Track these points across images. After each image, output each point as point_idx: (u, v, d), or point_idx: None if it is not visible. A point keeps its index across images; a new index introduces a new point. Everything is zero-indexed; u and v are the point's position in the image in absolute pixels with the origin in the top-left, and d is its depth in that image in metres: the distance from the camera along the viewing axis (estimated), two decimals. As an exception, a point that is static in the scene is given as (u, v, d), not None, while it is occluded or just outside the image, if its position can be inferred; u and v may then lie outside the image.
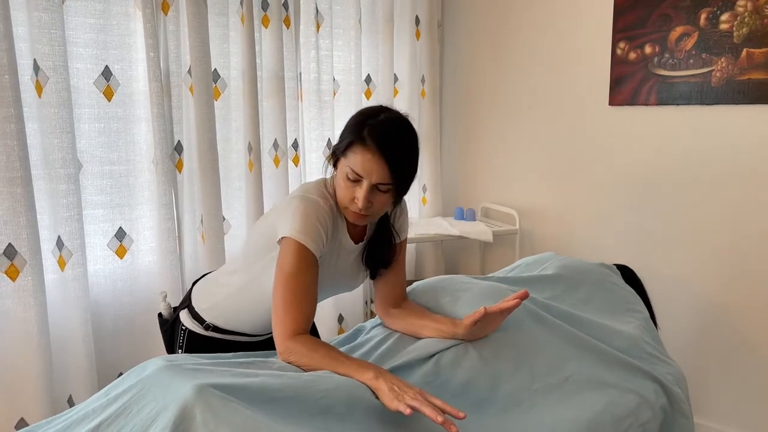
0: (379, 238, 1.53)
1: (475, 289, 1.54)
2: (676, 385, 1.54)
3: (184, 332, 1.64)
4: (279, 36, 2.60)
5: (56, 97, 2.02)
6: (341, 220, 1.46)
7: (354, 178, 1.33)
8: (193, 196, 2.43)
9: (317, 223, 1.35)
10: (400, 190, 1.38)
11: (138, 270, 2.37)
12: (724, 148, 2.30)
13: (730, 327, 2.36)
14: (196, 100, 2.34)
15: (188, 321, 1.64)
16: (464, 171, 3.33)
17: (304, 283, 1.33)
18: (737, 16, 2.19)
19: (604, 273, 1.84)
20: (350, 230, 1.48)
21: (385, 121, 1.34)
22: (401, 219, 1.58)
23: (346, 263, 1.51)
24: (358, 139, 1.32)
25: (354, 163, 1.32)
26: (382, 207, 1.39)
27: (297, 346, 1.29)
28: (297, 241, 1.33)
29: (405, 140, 1.36)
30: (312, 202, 1.38)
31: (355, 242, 1.50)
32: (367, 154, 1.31)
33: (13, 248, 1.92)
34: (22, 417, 1.98)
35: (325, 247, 1.39)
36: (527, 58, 2.93)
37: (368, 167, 1.31)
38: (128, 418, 1.07)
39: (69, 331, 2.13)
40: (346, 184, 1.35)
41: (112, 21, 2.21)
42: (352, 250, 1.50)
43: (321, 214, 1.37)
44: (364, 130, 1.32)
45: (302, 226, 1.34)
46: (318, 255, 1.36)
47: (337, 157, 1.39)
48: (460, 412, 1.11)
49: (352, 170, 1.33)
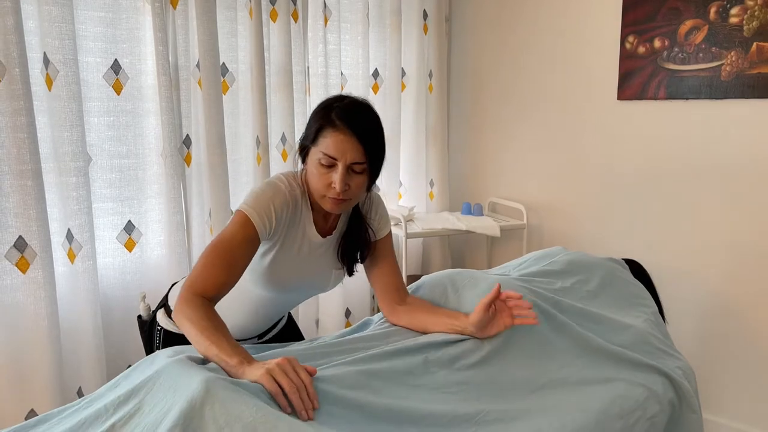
0: (351, 233, 1.52)
1: (483, 285, 1.54)
2: (684, 380, 1.53)
3: (159, 332, 1.62)
4: (287, 30, 2.60)
5: (66, 90, 2.03)
6: (307, 211, 1.45)
7: (328, 162, 1.33)
8: (201, 189, 2.44)
9: (270, 204, 1.36)
10: (373, 169, 1.38)
11: (147, 263, 2.38)
12: (734, 143, 2.29)
13: (739, 322, 2.35)
14: (205, 94, 2.34)
15: (164, 320, 1.62)
16: (471, 166, 3.33)
17: (231, 252, 1.33)
18: (747, 10, 2.18)
19: (613, 267, 1.83)
20: (318, 223, 1.47)
21: (349, 104, 1.36)
22: (378, 215, 1.56)
23: (313, 257, 1.48)
24: (328, 123, 1.33)
25: (327, 147, 1.32)
26: (359, 190, 1.38)
27: (188, 309, 1.25)
28: (244, 213, 1.35)
29: (373, 119, 1.37)
30: (272, 185, 1.40)
31: (323, 236, 1.48)
32: (339, 135, 1.32)
33: (23, 241, 1.94)
34: (32, 408, 2.00)
35: (274, 233, 1.38)
36: (535, 52, 2.92)
37: (341, 148, 1.32)
38: (141, 417, 1.07)
39: (78, 324, 2.14)
40: (320, 171, 1.35)
41: (122, 15, 2.22)
42: (319, 244, 1.48)
43: (278, 197, 1.38)
44: (331, 114, 1.33)
45: (254, 202, 1.36)
46: (262, 236, 1.36)
47: (306, 149, 1.39)
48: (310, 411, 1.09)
49: (326, 154, 1.33)
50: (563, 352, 1.44)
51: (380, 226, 1.56)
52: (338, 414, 1.13)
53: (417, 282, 1.66)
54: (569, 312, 1.55)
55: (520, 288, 1.53)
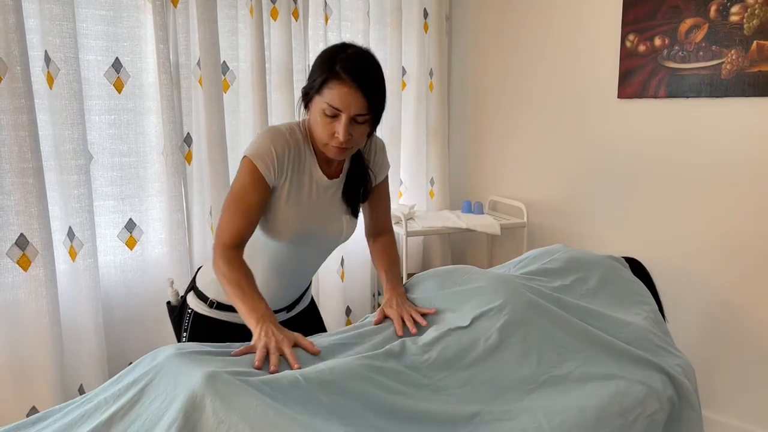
0: (354, 174, 1.58)
1: (483, 280, 1.54)
2: (684, 377, 1.53)
3: (189, 315, 1.65)
4: (288, 28, 2.60)
5: (67, 88, 2.04)
6: (311, 155, 1.51)
7: (332, 113, 1.37)
8: (202, 187, 2.45)
9: (270, 146, 1.43)
10: (375, 119, 1.43)
11: (148, 261, 2.39)
12: (734, 142, 2.29)
13: (740, 319, 2.35)
14: (206, 92, 2.35)
15: (194, 302, 1.65)
16: (472, 164, 3.33)
17: (247, 201, 1.43)
18: (748, 8, 2.18)
19: (613, 265, 1.83)
20: (323, 167, 1.53)
21: (354, 55, 1.38)
22: (379, 157, 1.63)
23: (323, 201, 1.54)
24: (333, 75, 1.35)
25: (331, 99, 1.36)
26: (361, 138, 1.44)
27: (221, 263, 1.40)
28: (248, 159, 1.44)
29: (376, 71, 1.41)
30: (271, 129, 1.47)
31: (330, 177, 1.54)
32: (343, 88, 1.35)
33: (24, 238, 1.94)
34: (33, 405, 2.01)
35: (280, 174, 1.45)
36: (535, 50, 2.92)
37: (346, 100, 1.36)
38: (141, 408, 1.08)
39: (80, 321, 2.15)
40: (324, 121, 1.39)
41: (123, 13, 2.22)
42: (327, 186, 1.54)
43: (279, 141, 1.45)
44: (336, 66, 1.36)
45: (254, 147, 1.44)
46: (268, 179, 1.44)
47: (310, 98, 1.42)
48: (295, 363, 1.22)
49: (330, 106, 1.36)
50: (563, 347, 1.45)
51: (379, 171, 1.63)
52: (343, 405, 1.14)
53: (416, 276, 1.68)
54: (569, 309, 1.55)
55: (521, 285, 1.53)
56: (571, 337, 1.47)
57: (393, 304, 1.52)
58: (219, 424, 1.01)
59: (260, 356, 1.22)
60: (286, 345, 1.26)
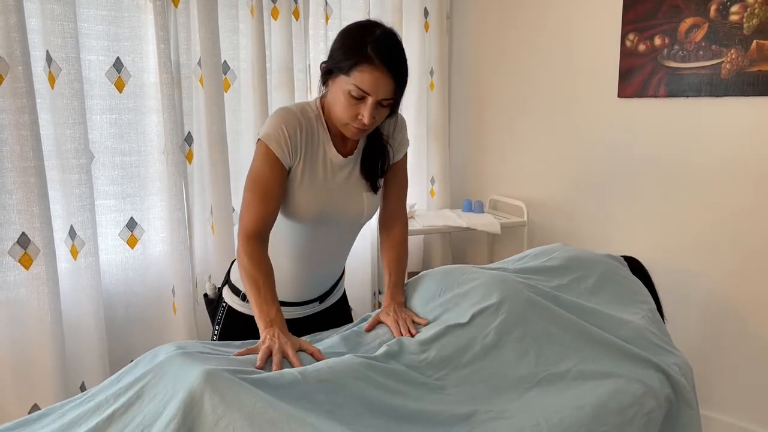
0: (372, 150, 1.56)
1: (481, 279, 1.55)
2: (681, 376, 1.54)
3: (224, 309, 1.67)
4: (288, 28, 2.61)
5: (69, 88, 2.04)
6: (324, 133, 1.49)
7: (359, 95, 1.36)
8: (203, 186, 2.46)
9: (281, 126, 1.42)
10: (398, 102, 1.43)
11: (149, 260, 2.40)
12: (734, 141, 2.29)
13: (738, 318, 2.36)
14: (206, 92, 2.35)
15: (228, 296, 1.67)
16: (473, 163, 3.33)
17: (266, 184, 1.42)
18: (747, 8, 2.18)
19: (612, 264, 1.84)
20: (337, 144, 1.51)
21: (384, 37, 1.36)
22: (399, 133, 1.60)
23: (339, 179, 1.53)
24: (365, 58, 1.33)
25: (361, 82, 1.34)
26: (381, 120, 1.44)
27: (243, 251, 1.41)
28: (262, 141, 1.43)
29: (403, 53, 1.40)
30: (282, 110, 1.46)
31: (344, 155, 1.52)
32: (375, 72, 1.33)
33: (26, 237, 1.95)
34: (35, 403, 2.02)
35: (294, 154, 1.45)
36: (536, 49, 2.93)
37: (376, 84, 1.34)
38: (141, 406, 1.09)
39: (81, 319, 2.16)
40: (349, 102, 1.37)
41: (124, 13, 2.23)
42: (342, 164, 1.52)
43: (291, 122, 1.44)
44: (367, 48, 1.33)
45: (266, 130, 1.44)
46: (284, 160, 1.43)
47: (333, 76, 1.40)
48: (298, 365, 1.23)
49: (358, 88, 1.35)
50: (561, 345, 1.45)
51: (398, 148, 1.61)
52: (341, 404, 1.15)
53: (412, 279, 1.68)
54: (567, 307, 1.56)
55: (519, 283, 1.54)
56: (569, 336, 1.47)
57: (390, 311, 1.51)
58: (218, 420, 1.02)
59: (262, 357, 1.23)
60: (290, 348, 1.26)
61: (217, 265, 2.47)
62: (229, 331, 1.65)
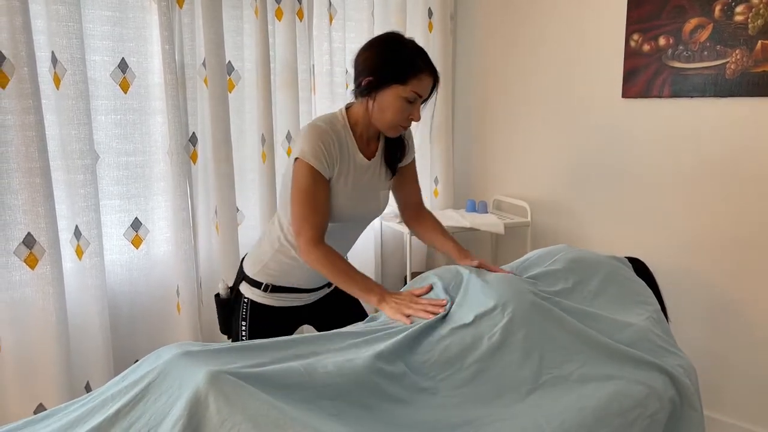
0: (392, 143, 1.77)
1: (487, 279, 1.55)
2: (685, 377, 1.53)
3: (246, 303, 1.78)
4: (292, 28, 2.61)
5: (74, 89, 2.05)
6: (352, 141, 1.68)
7: (413, 99, 1.59)
8: (207, 187, 2.46)
9: (318, 143, 1.59)
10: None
11: (153, 260, 2.41)
12: (739, 141, 2.28)
13: (742, 320, 2.35)
14: (211, 92, 2.36)
15: (248, 291, 1.78)
16: (476, 163, 3.33)
17: (315, 197, 1.60)
18: (752, 8, 2.18)
19: (616, 266, 1.83)
20: (362, 149, 1.70)
21: (417, 47, 1.61)
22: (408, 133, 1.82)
23: (364, 180, 1.72)
24: (419, 69, 1.58)
25: (420, 88, 1.59)
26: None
27: (319, 255, 1.59)
28: (304, 161, 1.59)
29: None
30: (313, 127, 1.62)
31: (368, 158, 1.71)
32: (427, 78, 1.60)
33: (32, 237, 1.96)
34: (40, 402, 2.03)
35: (332, 166, 1.62)
36: (540, 50, 2.93)
37: (426, 87, 1.61)
38: (146, 405, 1.10)
39: (86, 319, 2.17)
40: (403, 106, 1.60)
41: (129, 14, 2.24)
42: (367, 166, 1.71)
43: (325, 137, 1.61)
44: (417, 59, 1.58)
45: (308, 148, 1.59)
46: (325, 173, 1.61)
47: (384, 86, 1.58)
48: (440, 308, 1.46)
49: (416, 93, 1.59)
50: (564, 347, 1.45)
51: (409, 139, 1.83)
52: (344, 409, 1.15)
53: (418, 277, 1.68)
54: (571, 311, 1.55)
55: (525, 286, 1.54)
56: (573, 340, 1.47)
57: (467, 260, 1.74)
58: (223, 422, 1.02)
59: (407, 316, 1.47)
60: (414, 302, 1.50)
61: (222, 264, 2.48)
62: (257, 322, 1.77)
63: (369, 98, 1.62)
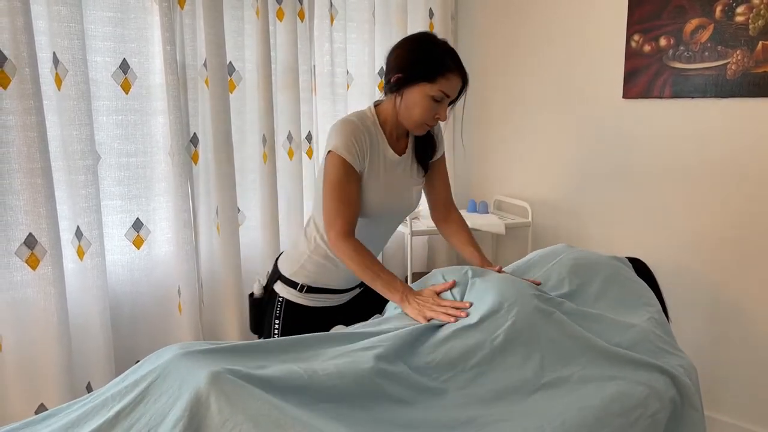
0: (422, 140, 1.80)
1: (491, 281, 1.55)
2: (686, 377, 1.53)
3: (281, 302, 1.80)
4: (293, 29, 2.61)
5: (75, 89, 2.06)
6: (382, 137, 1.70)
7: (441, 98, 1.61)
8: (208, 187, 2.47)
9: (351, 137, 1.62)
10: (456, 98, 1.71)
11: (155, 260, 2.41)
12: (739, 141, 2.28)
13: (743, 320, 2.35)
14: (212, 93, 2.36)
15: (283, 290, 1.80)
16: (477, 163, 3.33)
17: (347, 190, 1.62)
18: (753, 9, 2.18)
19: (617, 266, 1.83)
20: (393, 145, 1.73)
21: (449, 47, 1.64)
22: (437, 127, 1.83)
23: (394, 174, 1.74)
24: (447, 68, 1.59)
25: (448, 87, 1.60)
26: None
27: (347, 248, 1.60)
28: (337, 154, 1.61)
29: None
30: (345, 122, 1.65)
31: (399, 154, 1.74)
32: (456, 78, 1.62)
33: (33, 238, 1.96)
34: (42, 403, 2.03)
35: (363, 159, 1.64)
36: (541, 51, 2.93)
37: (455, 88, 1.63)
38: (147, 406, 1.10)
39: (88, 320, 2.17)
40: (430, 105, 1.61)
41: (130, 14, 2.24)
42: (398, 162, 1.74)
43: (356, 131, 1.63)
44: (447, 59, 1.60)
45: (341, 142, 1.61)
46: (357, 167, 1.63)
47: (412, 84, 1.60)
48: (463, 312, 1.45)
49: (443, 92, 1.60)
50: (566, 350, 1.45)
51: (440, 142, 1.85)
52: (346, 413, 1.15)
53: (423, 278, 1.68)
54: (573, 314, 1.55)
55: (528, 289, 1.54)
56: (575, 343, 1.47)
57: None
58: (224, 422, 1.02)
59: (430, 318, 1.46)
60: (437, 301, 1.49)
61: (223, 264, 2.48)
62: (291, 322, 1.79)
63: (397, 95, 1.64)
